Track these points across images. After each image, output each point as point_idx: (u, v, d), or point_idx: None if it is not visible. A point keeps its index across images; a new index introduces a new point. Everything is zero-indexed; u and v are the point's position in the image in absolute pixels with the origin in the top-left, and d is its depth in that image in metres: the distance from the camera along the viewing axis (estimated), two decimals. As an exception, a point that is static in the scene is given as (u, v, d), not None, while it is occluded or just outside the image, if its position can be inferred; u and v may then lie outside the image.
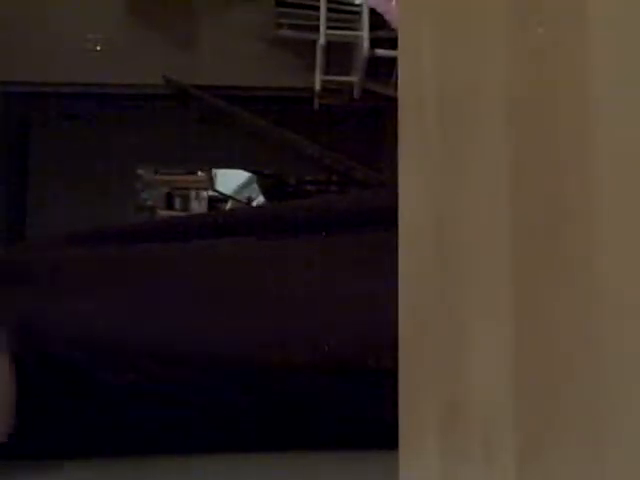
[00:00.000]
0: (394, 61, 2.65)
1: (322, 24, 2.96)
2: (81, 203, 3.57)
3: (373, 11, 2.94)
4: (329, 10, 2.99)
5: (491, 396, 0.39)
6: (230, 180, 5.43)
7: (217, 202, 5.67)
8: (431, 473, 0.47)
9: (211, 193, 5.70)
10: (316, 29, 2.98)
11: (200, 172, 5.55)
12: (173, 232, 1.04)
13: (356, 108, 3.38)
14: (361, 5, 2.99)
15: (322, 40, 2.96)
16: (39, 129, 3.83)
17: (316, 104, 3.22)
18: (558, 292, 0.33)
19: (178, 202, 5.75)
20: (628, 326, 0.28)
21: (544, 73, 0.34)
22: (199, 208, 5.70)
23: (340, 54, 3.14)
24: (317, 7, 2.98)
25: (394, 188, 0.52)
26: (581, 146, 0.31)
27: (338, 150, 3.13)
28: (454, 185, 0.45)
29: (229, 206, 5.49)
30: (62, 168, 3.73)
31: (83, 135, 3.72)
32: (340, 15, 3.04)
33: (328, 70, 3.10)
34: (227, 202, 5.53)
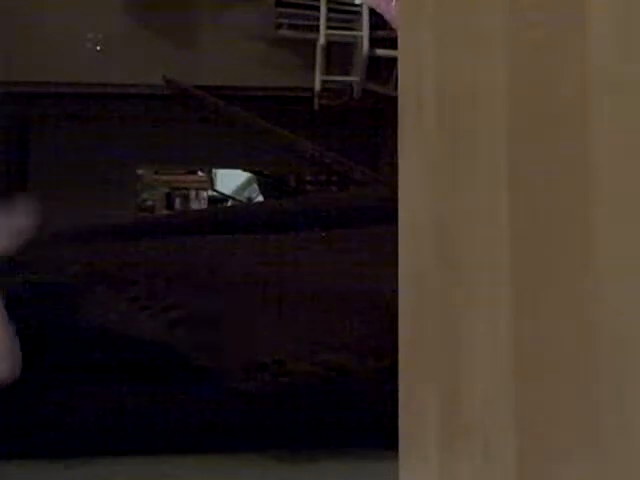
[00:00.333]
0: (394, 61, 2.64)
1: (322, 24, 2.96)
2: (81, 203, 3.56)
3: (373, 11, 2.94)
4: (329, 10, 2.99)
5: (491, 396, 0.39)
6: (230, 180, 5.43)
7: (217, 202, 5.66)
8: (431, 473, 0.47)
9: (211, 193, 5.70)
10: (316, 29, 2.98)
11: (200, 172, 5.54)
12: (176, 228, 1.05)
13: (356, 108, 3.38)
14: (361, 5, 2.99)
15: (322, 40, 2.96)
16: (39, 129, 3.83)
17: (316, 104, 3.21)
18: (557, 292, 0.33)
19: (178, 202, 5.75)
20: (628, 325, 0.28)
21: (544, 72, 0.34)
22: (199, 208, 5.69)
23: (340, 54, 3.14)
24: (317, 7, 2.98)
25: (394, 186, 0.52)
26: (581, 145, 0.31)
27: (338, 150, 3.13)
28: (454, 185, 0.45)
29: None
30: (62, 168, 3.73)
31: (83, 135, 3.72)
32: (340, 15, 3.04)
33: (328, 70, 3.10)
34: (227, 202, 5.53)
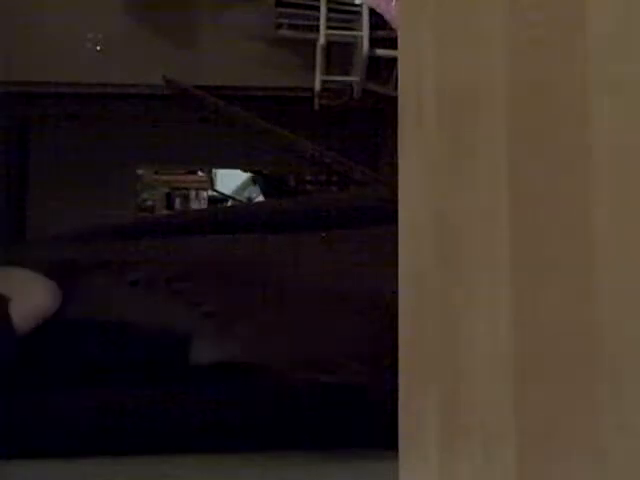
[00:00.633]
0: (394, 61, 2.65)
1: (322, 24, 2.96)
2: (81, 203, 3.56)
3: (373, 11, 2.94)
4: (329, 10, 2.99)
5: (491, 396, 0.39)
6: (230, 180, 5.43)
7: (217, 202, 5.67)
8: (431, 473, 0.47)
9: (211, 193, 5.70)
10: (316, 29, 2.98)
11: (200, 172, 5.54)
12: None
13: (356, 108, 3.37)
14: (361, 5, 2.99)
15: (322, 40, 2.96)
16: (39, 129, 3.83)
17: (316, 104, 3.21)
18: (557, 292, 0.33)
19: (178, 202, 5.75)
20: (628, 325, 0.28)
21: (544, 72, 0.34)
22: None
23: (340, 54, 3.14)
24: (317, 7, 2.98)
25: (394, 186, 0.52)
26: (581, 145, 0.31)
27: (338, 150, 3.13)
28: (454, 185, 0.45)
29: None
30: (62, 168, 3.73)
31: (83, 135, 3.72)
32: (340, 15, 3.04)
33: (328, 70, 3.10)
34: (227, 202, 5.54)
